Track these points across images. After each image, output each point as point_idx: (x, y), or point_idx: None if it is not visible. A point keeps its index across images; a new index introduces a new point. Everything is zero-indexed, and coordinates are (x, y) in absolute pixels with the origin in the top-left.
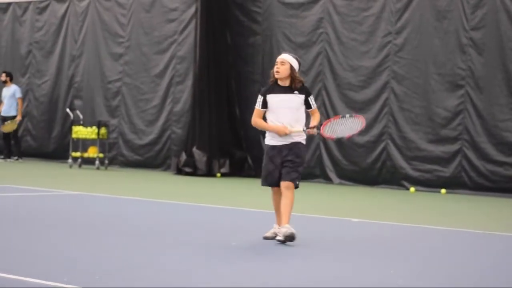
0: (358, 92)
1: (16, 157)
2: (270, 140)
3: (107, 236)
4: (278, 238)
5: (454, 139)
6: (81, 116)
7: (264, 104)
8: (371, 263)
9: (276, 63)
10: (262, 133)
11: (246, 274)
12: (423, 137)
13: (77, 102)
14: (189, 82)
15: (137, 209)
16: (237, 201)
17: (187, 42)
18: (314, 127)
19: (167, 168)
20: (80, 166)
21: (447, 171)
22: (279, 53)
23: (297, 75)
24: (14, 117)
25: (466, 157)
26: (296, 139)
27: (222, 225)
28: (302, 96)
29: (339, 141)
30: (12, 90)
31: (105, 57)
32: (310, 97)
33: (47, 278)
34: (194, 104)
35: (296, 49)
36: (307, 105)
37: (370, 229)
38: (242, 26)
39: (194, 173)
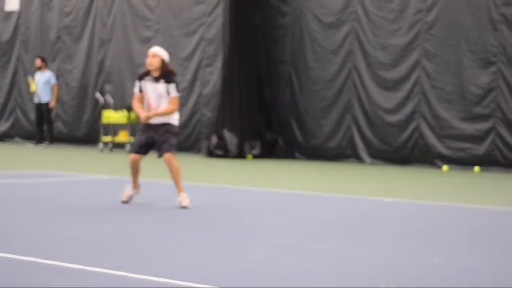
0: (389, 70)
1: (47, 142)
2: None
3: (138, 221)
4: (183, 205)
5: (486, 117)
6: (111, 101)
7: (141, 89)
8: (405, 242)
9: (148, 56)
10: (293, 114)
11: (275, 258)
12: (456, 115)
13: (107, 87)
14: (218, 64)
15: (169, 193)
16: (270, 183)
17: (215, 24)
18: (153, 114)
19: (198, 151)
20: (111, 150)
21: (480, 149)
22: (309, 34)
23: (169, 66)
24: (47, 104)
25: (499, 134)
26: (164, 120)
27: (256, 206)
28: (165, 85)
29: (370, 121)
30: (47, 77)
31: (134, 41)
32: (171, 85)
33: (85, 263)
34: (224, 86)
35: (325, 29)
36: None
37: (404, 208)
38: (271, 7)
39: (225, 155)
